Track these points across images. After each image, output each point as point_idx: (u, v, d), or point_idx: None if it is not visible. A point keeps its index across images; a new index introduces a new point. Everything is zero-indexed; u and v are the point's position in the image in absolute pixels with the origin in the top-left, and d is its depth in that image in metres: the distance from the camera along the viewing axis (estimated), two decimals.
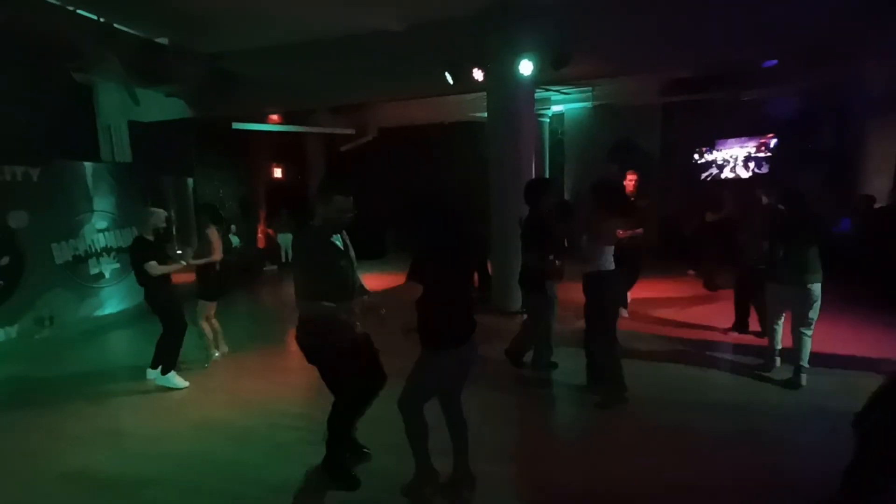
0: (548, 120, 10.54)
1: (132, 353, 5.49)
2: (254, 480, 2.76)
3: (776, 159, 9.03)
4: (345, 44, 6.57)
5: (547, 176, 10.43)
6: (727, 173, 9.57)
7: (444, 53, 5.96)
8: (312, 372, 2.66)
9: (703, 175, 9.73)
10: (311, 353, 2.55)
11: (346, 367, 2.54)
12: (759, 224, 4.29)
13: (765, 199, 4.43)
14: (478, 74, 5.92)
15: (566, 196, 10.41)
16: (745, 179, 9.13)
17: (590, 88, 9.06)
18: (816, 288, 3.58)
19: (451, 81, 6.08)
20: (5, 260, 5.38)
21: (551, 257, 3.63)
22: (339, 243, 2.58)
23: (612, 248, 3.50)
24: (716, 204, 6.48)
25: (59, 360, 5.07)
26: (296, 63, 6.94)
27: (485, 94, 6.27)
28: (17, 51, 6.04)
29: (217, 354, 4.79)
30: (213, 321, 4.76)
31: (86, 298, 6.22)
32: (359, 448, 2.86)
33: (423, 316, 2.29)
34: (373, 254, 10.74)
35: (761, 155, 9.23)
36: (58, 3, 5.26)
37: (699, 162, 9.72)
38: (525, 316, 4.41)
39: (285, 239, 10.15)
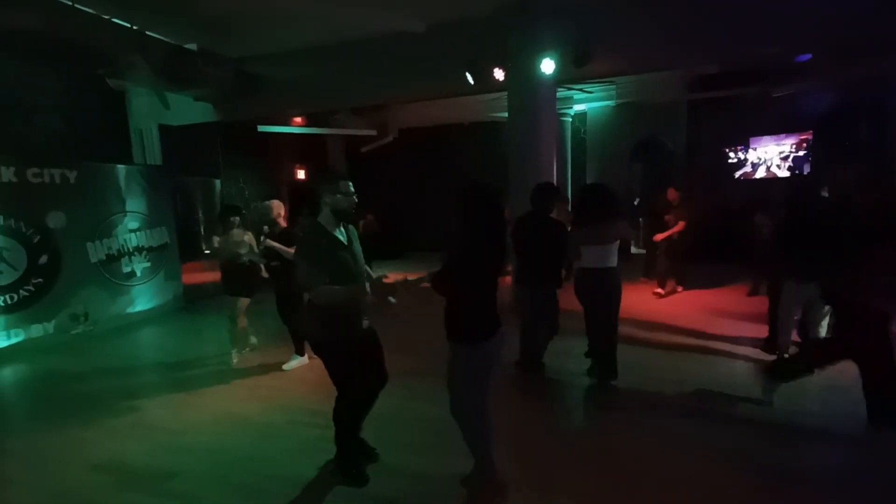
0: (570, 119, 10.40)
1: (161, 348, 5.70)
2: (272, 475, 2.81)
3: (814, 156, 8.65)
4: (366, 45, 6.63)
5: (570, 175, 10.31)
6: (761, 172, 9.21)
7: (465, 53, 5.94)
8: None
9: (737, 174, 9.36)
10: (317, 343, 2.60)
11: (349, 361, 2.55)
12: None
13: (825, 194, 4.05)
14: (498, 74, 5.89)
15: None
16: (799, 177, 8.44)
17: (613, 86, 8.90)
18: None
19: (471, 81, 6.06)
20: (44, 258, 5.64)
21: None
22: (342, 237, 2.61)
23: (615, 245, 3.68)
24: (758, 204, 6.13)
25: (93, 355, 5.29)
26: (318, 65, 7.05)
27: (505, 93, 6.24)
28: (56, 59, 6.34)
29: (247, 349, 4.93)
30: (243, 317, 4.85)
31: (118, 296, 6.47)
32: (366, 447, 2.87)
33: (456, 311, 2.29)
34: (390, 254, 10.82)
35: (801, 153, 8.81)
36: (93, 11, 5.47)
37: (732, 160, 9.36)
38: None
39: None
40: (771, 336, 4.42)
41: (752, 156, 9.20)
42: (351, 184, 2.61)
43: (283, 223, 4.56)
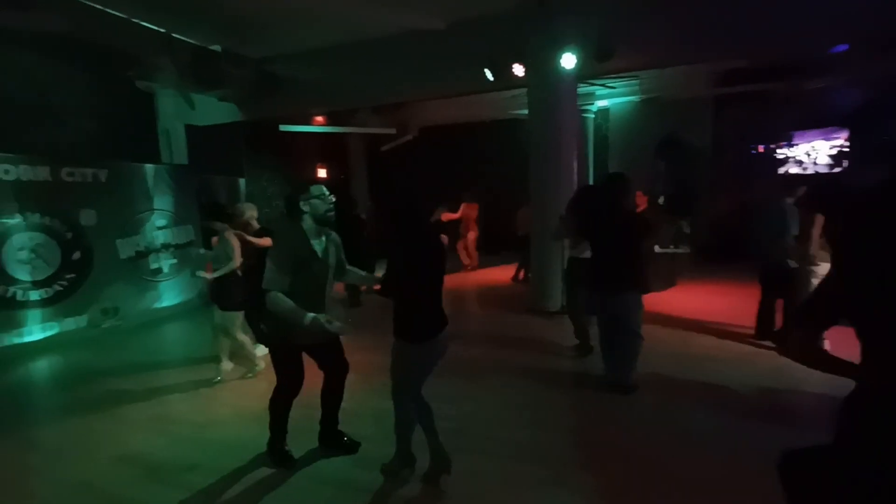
0: (592, 115, 10.20)
1: (186, 343, 5.84)
2: (292, 471, 2.83)
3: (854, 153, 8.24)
4: (385, 44, 6.65)
5: (592, 173, 10.13)
6: (793, 168, 8.80)
7: (484, 50, 5.89)
8: (356, 367, 2.71)
9: (780, 170, 8.93)
10: (261, 335, 2.78)
11: (291, 357, 2.74)
12: None
13: None
14: (518, 70, 5.82)
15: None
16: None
17: (636, 81, 8.68)
18: None
19: (491, 78, 6.01)
20: (77, 255, 5.85)
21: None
22: (319, 247, 2.68)
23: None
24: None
25: (122, 349, 5.46)
26: (338, 65, 7.11)
27: (525, 90, 6.16)
28: (88, 62, 6.56)
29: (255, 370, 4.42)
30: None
31: (146, 291, 6.66)
32: (345, 441, 3.00)
33: (402, 312, 2.46)
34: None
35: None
36: (122, 14, 5.64)
37: (777, 156, 8.92)
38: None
39: None
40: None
41: (796, 152, 8.71)
42: (324, 187, 2.70)
43: (255, 224, 4.39)
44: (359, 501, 2.53)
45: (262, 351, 4.68)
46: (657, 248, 9.64)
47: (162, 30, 6.14)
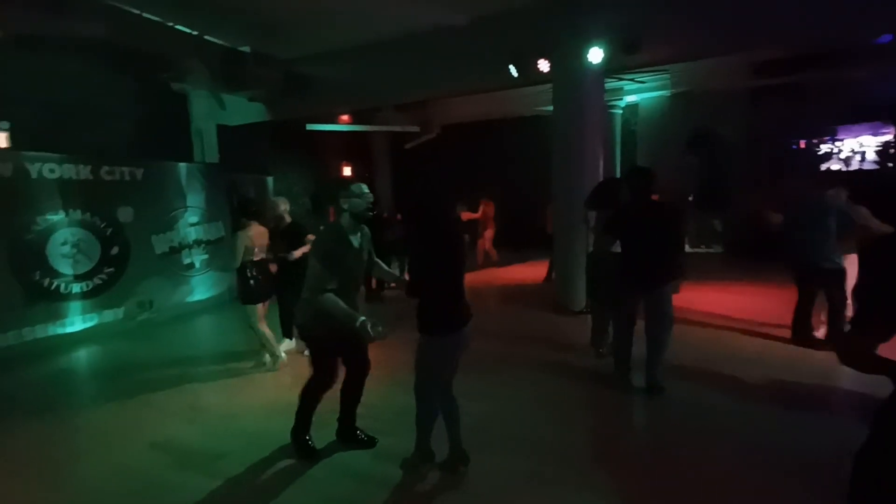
0: (620, 111, 9.97)
1: (217, 336, 6.04)
2: (317, 462, 2.89)
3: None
4: (409, 42, 6.67)
5: (619, 171, 9.92)
6: (835, 164, 8.37)
7: (508, 45, 5.84)
8: (378, 363, 2.75)
9: (822, 167, 8.51)
10: (304, 330, 2.83)
11: (329, 353, 2.80)
12: None
13: None
14: (543, 65, 5.73)
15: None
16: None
17: (667, 74, 8.43)
18: None
19: (515, 74, 5.95)
20: (115, 250, 6.11)
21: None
22: (357, 242, 2.75)
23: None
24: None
25: (156, 340, 5.68)
26: (363, 64, 7.18)
27: (550, 86, 6.07)
28: (125, 66, 6.83)
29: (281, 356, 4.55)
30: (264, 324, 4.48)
31: (179, 286, 6.90)
32: (358, 436, 3.04)
33: (426, 305, 2.49)
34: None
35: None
36: (157, 18, 5.85)
37: (818, 152, 8.51)
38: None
39: None
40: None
41: (841, 147, 8.28)
42: (364, 185, 2.74)
43: (287, 218, 4.62)
44: (379, 495, 2.56)
45: (286, 345, 4.80)
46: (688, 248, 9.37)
47: (194, 32, 6.33)
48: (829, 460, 2.72)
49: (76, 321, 5.73)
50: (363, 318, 2.52)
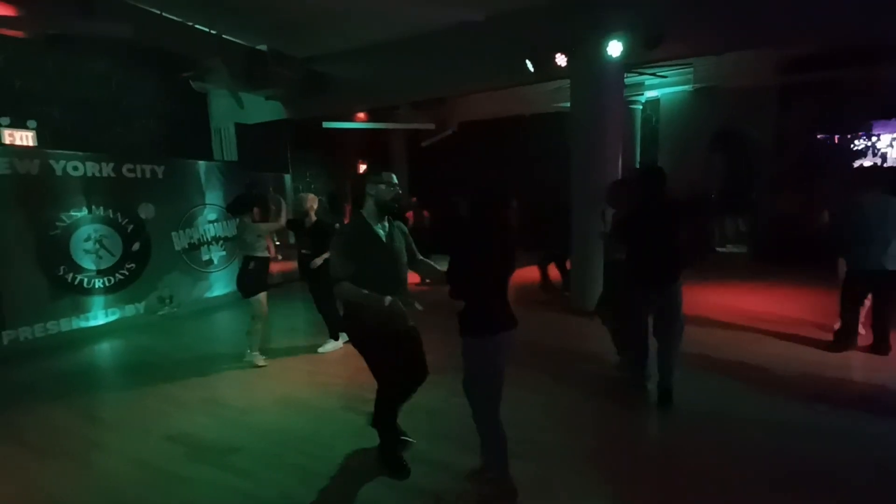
0: (640, 107, 9.75)
1: (234, 331, 6.07)
2: (325, 458, 2.88)
3: None
4: (425, 39, 6.64)
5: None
6: (869, 161, 8.02)
7: (526, 40, 5.75)
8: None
9: (857, 163, 8.13)
10: (354, 337, 2.62)
11: (385, 354, 2.54)
12: None
13: None
14: (561, 60, 5.62)
15: None
16: None
17: (690, 69, 8.19)
18: None
19: (532, 70, 5.85)
20: (136, 245, 6.24)
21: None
22: (383, 232, 2.56)
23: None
24: None
25: (175, 335, 5.78)
26: (380, 62, 7.18)
27: (568, 81, 5.96)
28: (147, 66, 6.98)
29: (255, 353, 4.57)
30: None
31: (198, 281, 7.01)
32: (400, 436, 2.89)
33: (470, 308, 2.28)
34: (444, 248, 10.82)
35: None
36: (178, 19, 5.94)
37: (854, 148, 8.14)
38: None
39: None
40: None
41: (879, 143, 7.92)
42: (394, 175, 2.60)
43: (314, 216, 4.66)
44: (401, 498, 2.50)
45: (332, 346, 4.87)
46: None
47: (213, 32, 6.42)
48: (863, 479, 2.58)
49: (99, 315, 5.86)
50: (389, 297, 2.34)
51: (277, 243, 6.67)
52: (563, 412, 3.41)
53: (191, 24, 6.23)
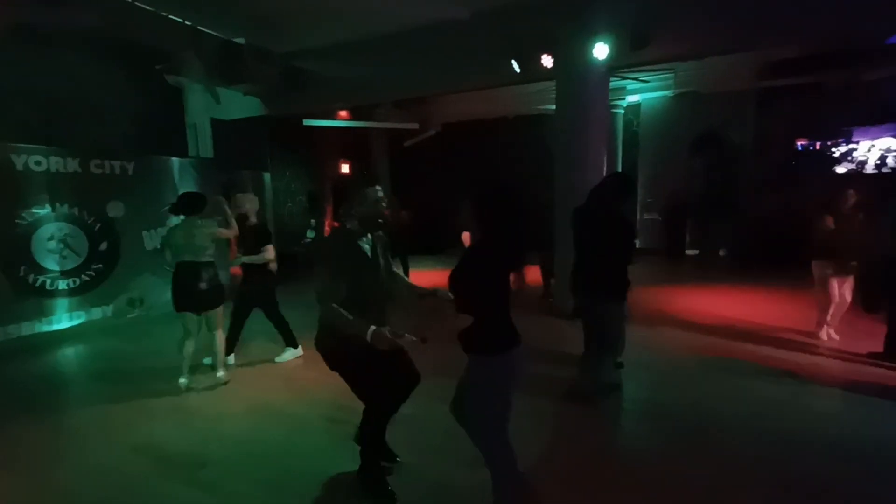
0: (622, 111, 9.84)
1: (208, 336, 5.85)
2: (299, 471, 2.73)
3: None
4: (409, 37, 6.52)
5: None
6: (848, 167, 8.20)
7: (512, 40, 5.68)
8: None
9: (840, 169, 8.26)
10: (330, 359, 2.39)
11: (368, 374, 2.35)
12: None
13: None
14: (547, 61, 5.58)
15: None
16: None
17: (671, 74, 8.30)
18: None
19: (517, 70, 5.79)
20: (104, 245, 5.95)
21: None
22: (367, 247, 2.40)
23: None
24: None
25: (145, 339, 5.52)
26: (362, 59, 7.02)
27: (553, 83, 5.92)
28: (118, 57, 6.67)
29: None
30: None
31: (169, 283, 6.72)
32: (387, 451, 2.72)
33: (479, 321, 2.01)
34: (432, 249, 10.74)
35: None
36: (151, 8, 5.69)
37: (833, 154, 8.31)
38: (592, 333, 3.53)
39: None
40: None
41: (858, 150, 8.09)
42: (380, 189, 2.39)
43: (253, 218, 4.32)
44: None
45: (292, 354, 4.62)
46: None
47: (187, 22, 6.17)
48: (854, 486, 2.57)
49: (63, 318, 5.57)
50: (374, 327, 2.12)
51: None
52: (540, 420, 3.33)
53: (163, 14, 5.97)
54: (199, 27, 6.28)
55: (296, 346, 4.65)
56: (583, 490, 2.51)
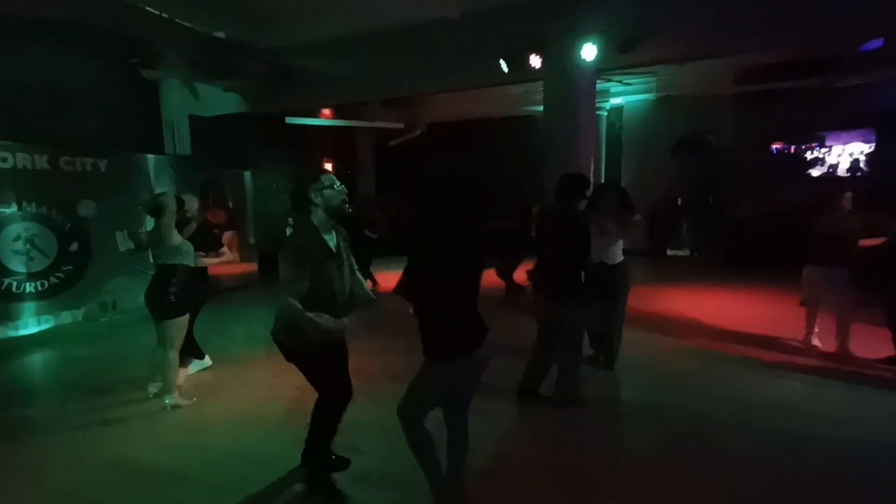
0: (605, 114, 9.93)
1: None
2: (285, 488, 2.61)
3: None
4: (398, 35, 6.42)
5: (603, 174, 9.85)
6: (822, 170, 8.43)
7: (500, 40, 5.64)
8: (357, 372, 2.50)
9: (814, 172, 8.45)
10: (287, 351, 2.42)
11: (321, 365, 2.41)
12: None
13: None
14: (535, 61, 5.55)
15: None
16: None
17: (653, 77, 8.39)
18: None
19: (506, 70, 5.76)
20: (74, 246, 5.68)
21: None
22: (332, 243, 2.44)
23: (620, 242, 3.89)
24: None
25: (118, 345, 5.27)
26: (349, 56, 6.89)
27: (541, 85, 5.91)
28: (90, 49, 6.38)
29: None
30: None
31: (145, 286, 6.46)
32: (331, 458, 2.67)
33: (424, 323, 2.10)
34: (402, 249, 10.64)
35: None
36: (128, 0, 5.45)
37: (807, 158, 8.50)
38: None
39: None
40: None
41: (830, 153, 8.32)
42: (335, 178, 2.46)
43: (192, 223, 4.12)
44: None
45: (197, 366, 4.31)
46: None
47: (165, 16, 5.94)
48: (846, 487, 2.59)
49: (30, 323, 5.30)
50: (334, 320, 2.26)
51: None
52: (540, 424, 3.29)
53: (140, 5, 5.72)
54: (176, 20, 6.05)
55: (202, 357, 4.37)
56: (582, 492, 2.47)
